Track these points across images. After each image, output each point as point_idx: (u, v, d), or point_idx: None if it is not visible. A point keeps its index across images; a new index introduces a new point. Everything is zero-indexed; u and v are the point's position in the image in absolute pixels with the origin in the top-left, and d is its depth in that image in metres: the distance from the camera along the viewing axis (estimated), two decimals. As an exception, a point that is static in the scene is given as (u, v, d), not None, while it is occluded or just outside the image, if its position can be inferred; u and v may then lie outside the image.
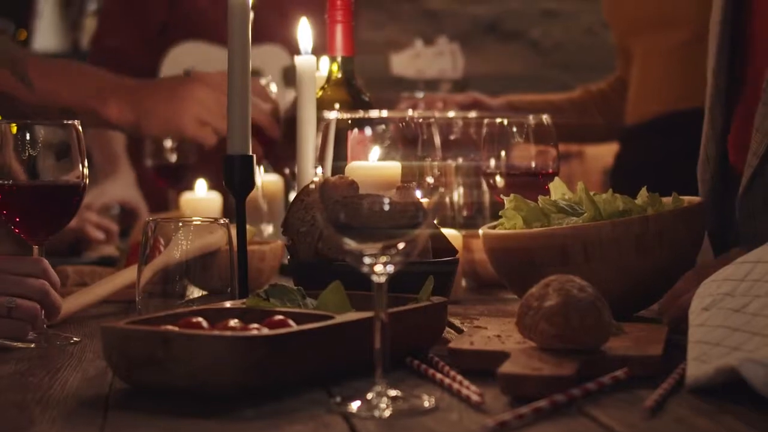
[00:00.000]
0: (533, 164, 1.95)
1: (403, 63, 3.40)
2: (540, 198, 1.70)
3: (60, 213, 1.64)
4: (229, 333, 1.21)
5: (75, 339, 1.58)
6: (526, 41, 5.74)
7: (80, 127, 1.63)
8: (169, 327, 1.25)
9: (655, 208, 1.66)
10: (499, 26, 5.71)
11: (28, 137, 1.61)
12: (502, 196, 1.81)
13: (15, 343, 1.53)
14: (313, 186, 1.62)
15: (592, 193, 1.66)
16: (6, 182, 1.60)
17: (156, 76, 3.57)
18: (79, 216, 2.47)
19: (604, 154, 4.49)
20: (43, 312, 1.55)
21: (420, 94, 2.87)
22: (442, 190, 1.21)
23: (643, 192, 1.68)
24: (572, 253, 1.62)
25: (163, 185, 3.05)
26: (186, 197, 2.69)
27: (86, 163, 1.62)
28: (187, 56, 3.64)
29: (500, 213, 1.73)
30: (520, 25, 5.73)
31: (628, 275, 1.62)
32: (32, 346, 1.54)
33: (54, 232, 1.64)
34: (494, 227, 1.75)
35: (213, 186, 2.73)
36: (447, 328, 1.53)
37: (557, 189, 1.75)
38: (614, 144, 3.19)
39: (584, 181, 1.74)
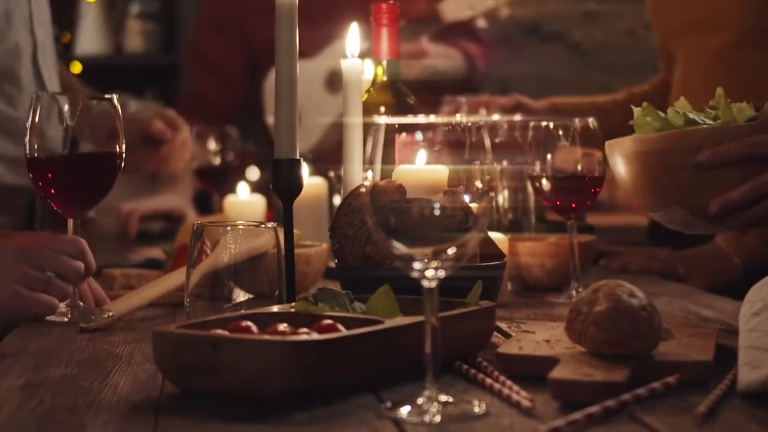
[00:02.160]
0: (579, 167, 1.94)
1: (453, 6, 3.33)
2: (669, 109, 1.68)
3: (97, 184, 1.65)
4: (278, 338, 1.22)
5: (110, 313, 1.59)
6: (567, 43, 5.72)
7: (117, 101, 1.65)
8: (219, 331, 1.25)
9: None
10: (539, 28, 5.70)
11: (66, 108, 1.62)
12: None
13: (48, 317, 1.55)
14: (362, 190, 1.62)
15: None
16: (41, 155, 1.60)
17: (255, 108, 3.69)
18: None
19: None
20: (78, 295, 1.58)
21: (462, 99, 2.86)
22: (492, 194, 1.21)
23: None
24: None
25: (206, 187, 3.07)
26: (229, 200, 2.70)
27: (123, 138, 1.64)
28: None
29: (631, 122, 1.70)
30: (561, 27, 5.71)
31: None
32: (65, 320, 1.55)
33: (90, 205, 1.66)
34: None
35: (255, 189, 2.74)
36: (495, 333, 1.53)
37: (683, 107, 1.71)
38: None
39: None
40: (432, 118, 1.22)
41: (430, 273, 1.17)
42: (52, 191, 1.62)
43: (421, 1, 3.52)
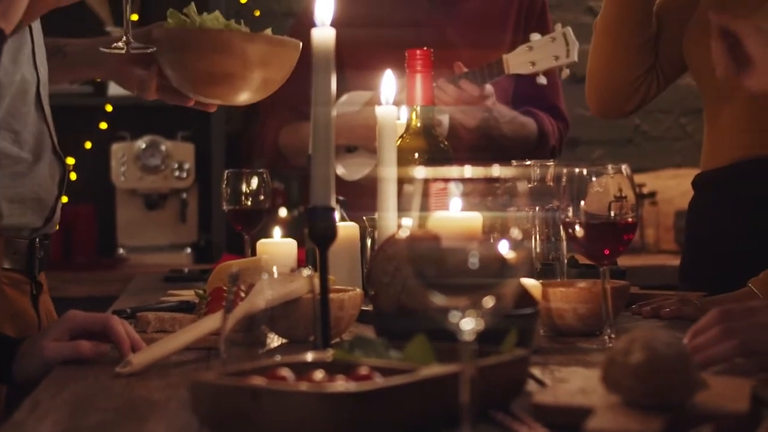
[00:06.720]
0: (612, 214, 1.94)
1: (517, 60, 3.34)
2: None
3: None
4: (316, 388, 1.22)
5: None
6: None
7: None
8: (258, 380, 1.26)
9: None
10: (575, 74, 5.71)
11: None
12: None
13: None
14: (395, 238, 1.63)
15: None
16: None
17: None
18: None
19: (675, 196, 4.47)
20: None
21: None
22: (528, 244, 1.22)
23: None
24: None
25: (238, 229, 3.09)
26: (262, 242, 2.71)
27: None
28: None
29: None
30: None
31: None
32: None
33: None
34: None
35: (286, 234, 2.75)
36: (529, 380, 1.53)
37: None
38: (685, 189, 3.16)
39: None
40: (467, 167, 1.22)
41: (467, 325, 1.17)
42: None
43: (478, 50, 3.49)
